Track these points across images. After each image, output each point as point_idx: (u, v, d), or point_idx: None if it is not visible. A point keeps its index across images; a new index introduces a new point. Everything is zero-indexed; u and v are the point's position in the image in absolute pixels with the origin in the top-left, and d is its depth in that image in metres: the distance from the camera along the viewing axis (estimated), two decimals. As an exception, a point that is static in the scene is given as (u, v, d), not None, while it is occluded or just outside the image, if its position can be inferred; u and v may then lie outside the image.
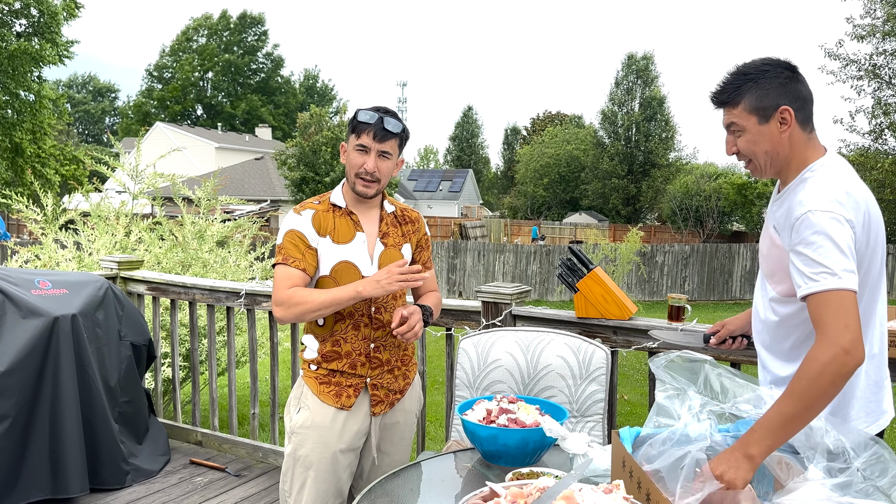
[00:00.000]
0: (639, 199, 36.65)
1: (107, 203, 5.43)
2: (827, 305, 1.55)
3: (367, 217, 2.21)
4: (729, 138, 1.79)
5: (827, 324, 1.54)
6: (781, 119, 1.71)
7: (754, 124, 1.72)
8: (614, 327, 2.78)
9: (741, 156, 1.78)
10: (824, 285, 1.56)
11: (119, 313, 3.62)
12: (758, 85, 1.71)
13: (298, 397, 2.23)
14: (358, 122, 2.10)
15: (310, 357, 2.22)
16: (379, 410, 2.24)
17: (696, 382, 1.76)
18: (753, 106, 1.72)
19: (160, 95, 56.69)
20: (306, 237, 2.13)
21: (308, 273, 2.12)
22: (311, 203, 2.21)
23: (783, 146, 1.73)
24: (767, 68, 1.73)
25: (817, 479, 1.38)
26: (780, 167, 1.76)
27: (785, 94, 1.71)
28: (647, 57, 36.73)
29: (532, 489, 1.39)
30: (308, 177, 24.56)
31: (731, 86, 1.74)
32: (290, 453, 2.20)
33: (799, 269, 1.61)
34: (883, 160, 15.41)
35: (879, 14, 15.00)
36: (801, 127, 1.73)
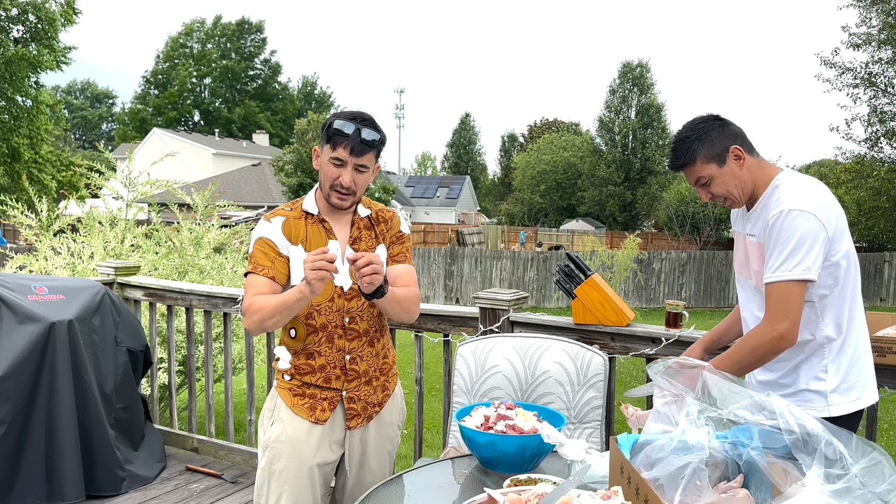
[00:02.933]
0: (635, 206, 36.72)
1: (100, 210, 5.42)
2: (776, 294, 1.87)
3: (339, 223, 2.15)
4: (701, 191, 2.04)
5: (772, 310, 1.88)
6: (735, 156, 1.98)
7: (716, 170, 1.98)
8: (612, 333, 2.78)
9: (716, 198, 2.03)
10: (779, 276, 1.86)
11: (115, 319, 3.61)
12: (703, 140, 1.98)
13: (272, 409, 2.17)
14: (334, 133, 1.99)
15: (283, 367, 2.16)
16: (355, 424, 2.17)
17: (693, 388, 1.76)
18: (709, 156, 1.98)
19: (156, 102, 56.73)
20: (276, 244, 2.07)
21: (278, 280, 2.05)
22: (282, 210, 2.15)
23: (746, 177, 1.99)
24: (703, 125, 2.01)
25: (815, 485, 1.38)
26: (749, 193, 2.01)
27: (726, 137, 1.99)
28: (643, 65, 36.88)
29: (530, 495, 1.39)
30: (305, 183, 24.56)
31: (683, 150, 2.01)
32: (263, 467, 2.13)
33: (768, 260, 1.89)
34: (879, 168, 15.47)
35: (875, 23, 15.08)
36: (751, 155, 2.00)
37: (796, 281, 1.84)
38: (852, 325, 1.99)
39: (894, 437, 6.85)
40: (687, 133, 2.01)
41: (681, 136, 2.02)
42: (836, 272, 1.92)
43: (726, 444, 1.67)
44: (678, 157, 2.02)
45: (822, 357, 1.95)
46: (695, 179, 2.02)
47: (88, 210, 5.36)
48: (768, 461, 1.57)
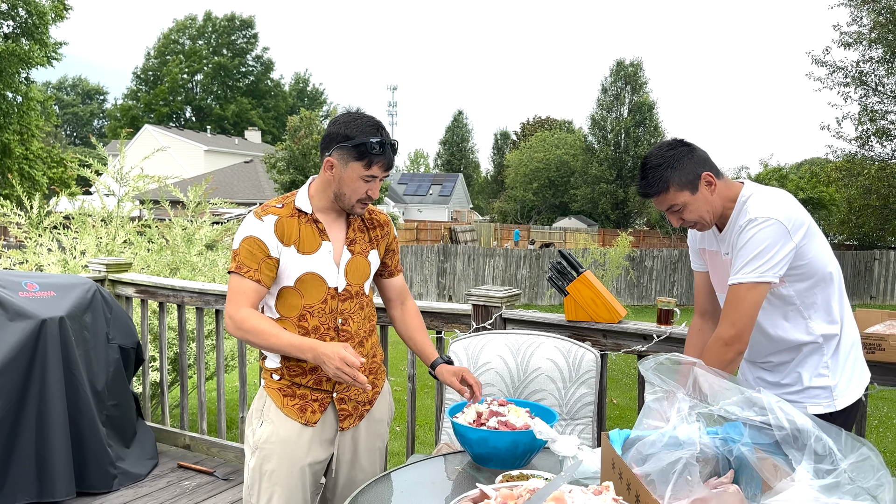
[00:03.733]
0: (627, 204, 36.78)
1: (93, 206, 5.40)
2: (730, 297, 1.92)
3: (333, 224, 2.10)
4: (672, 217, 2.05)
5: (722, 318, 1.94)
6: (707, 182, 1.99)
7: (689, 196, 1.99)
8: (604, 330, 2.79)
9: (687, 223, 2.05)
10: (737, 279, 1.91)
11: (107, 316, 3.60)
12: (675, 168, 1.98)
13: (261, 409, 2.11)
14: (368, 152, 1.95)
15: (272, 367, 2.10)
16: (348, 425, 2.15)
17: (684, 385, 1.77)
18: (682, 184, 1.98)
19: (147, 98, 56.44)
20: (266, 246, 1.99)
21: (263, 284, 2.00)
22: (273, 207, 2.05)
23: (716, 201, 2.01)
24: (672, 152, 2.00)
25: (805, 480, 1.39)
26: (718, 215, 2.04)
27: (697, 163, 1.99)
28: (636, 63, 36.92)
29: (522, 490, 1.40)
30: (298, 180, 24.50)
31: (655, 179, 1.99)
32: (254, 468, 2.11)
33: (732, 267, 1.94)
34: (869, 166, 15.55)
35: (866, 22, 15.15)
36: (719, 178, 2.01)
37: (752, 283, 1.88)
38: (844, 319, 2.03)
39: (883, 433, 6.91)
40: (657, 161, 1.99)
41: (651, 165, 2.00)
42: (811, 276, 1.95)
43: (717, 439, 1.68)
44: (651, 186, 1.99)
45: (822, 354, 1.99)
46: (667, 207, 2.01)
47: (80, 206, 5.34)
48: (758, 457, 1.58)
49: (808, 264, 1.93)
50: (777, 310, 1.99)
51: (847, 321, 2.05)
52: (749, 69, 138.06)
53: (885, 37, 14.49)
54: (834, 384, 1.99)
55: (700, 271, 2.24)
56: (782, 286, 1.94)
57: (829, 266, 1.98)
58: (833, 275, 1.99)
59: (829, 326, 1.99)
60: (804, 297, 1.96)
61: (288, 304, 2.05)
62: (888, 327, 2.44)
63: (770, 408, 1.61)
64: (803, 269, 1.93)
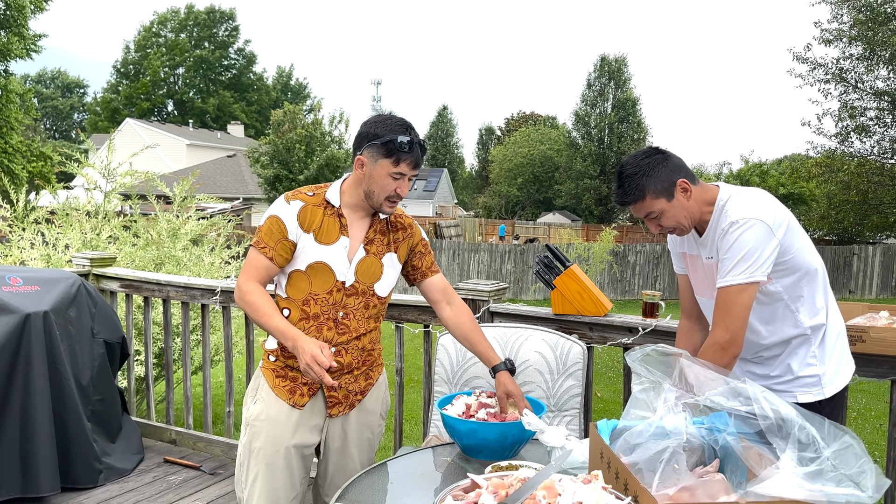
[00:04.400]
0: (611, 199, 36.93)
1: (79, 200, 5.35)
2: (722, 299, 1.93)
3: (357, 222, 2.15)
4: (650, 223, 2.07)
5: (715, 320, 1.95)
6: (682, 189, 2.01)
7: (665, 203, 2.01)
8: (590, 324, 2.81)
9: (665, 229, 2.07)
10: (727, 281, 1.92)
11: (92, 310, 3.57)
12: (651, 175, 2.00)
13: (256, 388, 2.21)
14: (397, 149, 2.02)
15: (270, 347, 2.19)
16: (336, 412, 2.19)
17: (671, 375, 1.80)
18: (658, 191, 2.00)
19: (128, 91, 55.82)
20: (286, 228, 2.07)
21: (276, 263, 2.09)
22: (303, 194, 2.13)
23: (693, 206, 2.03)
24: (647, 160, 2.02)
25: (789, 467, 1.42)
26: (696, 220, 2.05)
27: (672, 171, 2.02)
28: (620, 59, 37.05)
29: (513, 479, 1.41)
30: (282, 174, 24.36)
31: (631, 187, 2.02)
32: (244, 444, 2.18)
33: (720, 270, 1.95)
34: (849, 162, 15.75)
35: (846, 19, 15.32)
36: (695, 185, 2.03)
37: (743, 284, 1.90)
38: (829, 310, 2.07)
39: (862, 424, 7.02)
40: (633, 170, 2.02)
41: (627, 173, 2.03)
42: (796, 270, 1.99)
43: (703, 429, 1.71)
44: (627, 194, 2.03)
45: (810, 345, 2.03)
46: (645, 214, 2.04)
47: (66, 200, 5.29)
48: (743, 446, 1.61)
49: (792, 259, 1.97)
50: (766, 307, 2.02)
51: (832, 311, 2.09)
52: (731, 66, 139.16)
53: (865, 34, 14.66)
54: (822, 373, 2.03)
55: (682, 274, 2.27)
56: (769, 283, 1.97)
57: (812, 259, 2.01)
58: (817, 268, 2.03)
59: (816, 318, 2.03)
60: (791, 291, 2.00)
61: (296, 287, 2.12)
62: (868, 319, 2.49)
63: (755, 398, 1.64)
64: (788, 264, 1.96)
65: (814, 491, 1.36)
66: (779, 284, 1.99)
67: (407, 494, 1.83)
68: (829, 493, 1.35)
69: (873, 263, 18.46)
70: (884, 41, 14.06)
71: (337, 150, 24.54)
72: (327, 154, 23.83)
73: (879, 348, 2.33)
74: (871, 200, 15.47)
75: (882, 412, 7.14)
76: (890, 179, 14.91)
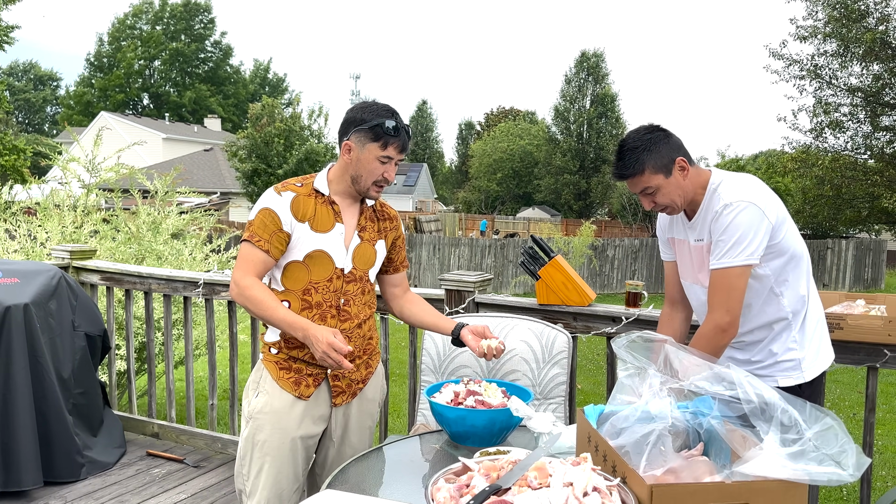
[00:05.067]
0: (590, 194, 37.17)
1: (58, 195, 5.29)
2: (720, 281, 1.97)
3: (347, 209, 2.18)
4: (645, 199, 2.09)
5: (714, 302, 1.98)
6: (680, 167, 2.04)
7: (663, 180, 2.03)
8: (574, 313, 2.85)
9: (658, 206, 2.09)
10: (723, 263, 1.96)
11: (72, 303, 3.54)
12: (651, 151, 2.02)
13: (257, 381, 2.20)
14: (384, 133, 2.05)
15: (271, 340, 2.18)
16: (340, 401, 2.21)
17: (656, 361, 1.83)
18: (657, 167, 2.03)
19: (102, 84, 54.96)
20: (280, 219, 2.08)
21: (272, 255, 2.08)
22: (292, 185, 2.14)
23: (688, 186, 2.06)
24: (649, 136, 2.04)
25: (773, 449, 1.46)
26: (689, 200, 2.09)
27: (672, 148, 2.04)
28: (598, 54, 37.22)
29: (504, 462, 1.44)
30: (260, 169, 24.16)
31: (632, 161, 2.04)
32: (247, 437, 2.17)
33: (713, 252, 1.99)
34: (823, 157, 15.98)
35: (821, 16, 15.53)
36: (691, 165, 2.06)
37: (739, 266, 1.94)
38: (810, 296, 2.12)
39: (836, 413, 7.15)
40: (635, 144, 2.04)
41: (629, 147, 2.05)
42: (784, 253, 2.03)
43: (687, 413, 1.74)
44: (627, 167, 2.05)
45: (791, 330, 2.08)
46: (641, 189, 2.06)
47: (50, 193, 5.22)
48: (727, 429, 1.64)
49: (781, 242, 2.01)
50: (751, 291, 2.05)
51: (813, 297, 2.14)
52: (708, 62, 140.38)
53: (839, 31, 14.88)
54: (802, 357, 2.08)
55: (669, 261, 2.30)
56: (759, 266, 2.01)
57: (798, 244, 2.06)
58: (802, 253, 2.08)
59: (798, 303, 2.07)
60: (778, 275, 2.04)
61: (294, 278, 2.12)
62: (846, 307, 2.55)
63: (739, 382, 1.68)
64: (777, 247, 2.01)
65: (797, 470, 1.39)
66: (767, 268, 2.03)
67: (396, 480, 1.84)
68: (812, 472, 1.39)
69: (846, 257, 18.78)
70: (857, 38, 14.29)
71: (316, 143, 24.39)
72: (306, 148, 23.68)
73: (856, 335, 2.38)
74: (845, 195, 15.72)
75: (856, 402, 7.29)
76: (863, 174, 15.17)
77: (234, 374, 3.73)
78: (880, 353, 2.40)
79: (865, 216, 16.37)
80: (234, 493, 3.30)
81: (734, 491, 1.37)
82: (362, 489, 1.75)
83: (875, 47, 14.08)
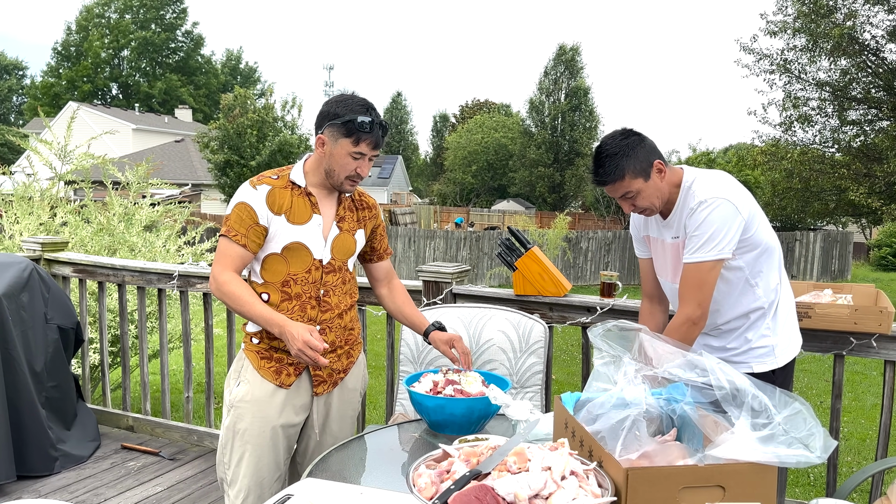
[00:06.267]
0: (564, 187, 37.37)
1: (32, 184, 5.20)
2: (691, 274, 2.02)
3: (325, 200, 2.17)
4: (624, 203, 2.14)
5: (685, 296, 2.04)
6: (658, 170, 2.08)
7: (642, 184, 2.07)
8: (550, 304, 2.88)
9: (638, 209, 2.14)
10: (696, 257, 2.01)
11: (45, 296, 3.49)
12: (629, 156, 2.06)
13: (239, 370, 2.20)
14: (356, 129, 2.03)
15: (252, 330, 2.18)
16: (322, 391, 2.22)
17: (631, 350, 1.87)
18: (636, 172, 2.06)
19: (69, 74, 53.84)
20: (256, 213, 2.07)
21: (249, 249, 2.08)
22: (268, 178, 2.13)
23: (664, 188, 2.11)
24: (626, 141, 2.08)
25: (743, 433, 1.50)
26: (665, 201, 2.13)
27: (648, 152, 2.08)
28: (574, 48, 37.36)
29: (484, 448, 1.46)
30: (233, 160, 23.90)
31: (611, 167, 2.07)
32: (228, 426, 2.17)
33: (687, 247, 2.04)
34: (792, 151, 16.21)
35: (791, 11, 15.72)
36: (667, 166, 2.11)
37: (711, 261, 2.00)
38: (782, 285, 2.18)
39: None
40: (613, 150, 2.06)
41: (607, 153, 2.07)
42: (757, 246, 2.09)
43: (661, 400, 1.79)
44: (608, 174, 2.07)
45: (765, 318, 2.14)
46: (621, 194, 2.10)
47: (21, 184, 5.13)
48: (700, 414, 1.69)
49: (754, 236, 2.06)
50: (728, 283, 2.11)
51: (785, 286, 2.21)
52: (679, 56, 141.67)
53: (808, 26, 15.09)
54: (776, 343, 2.14)
55: (644, 258, 2.35)
56: (733, 259, 2.06)
57: (770, 237, 2.12)
58: (774, 245, 2.14)
59: (772, 292, 2.14)
60: (752, 266, 2.10)
61: (273, 270, 2.12)
62: (814, 297, 2.62)
63: (711, 369, 1.72)
64: (750, 241, 2.06)
65: (767, 453, 1.44)
66: (741, 260, 2.08)
67: (377, 468, 1.86)
68: (781, 455, 1.43)
69: (814, 249, 19.16)
70: (825, 33, 14.51)
71: (290, 135, 24.18)
72: (280, 139, 23.47)
73: (824, 324, 2.45)
74: (813, 188, 15.98)
75: (823, 390, 7.46)
76: (830, 168, 15.42)
77: (211, 366, 3.72)
78: (846, 341, 2.48)
79: (833, 209, 16.66)
80: (211, 485, 3.30)
81: (706, 474, 1.41)
82: (343, 477, 1.76)
83: (843, 42, 14.33)
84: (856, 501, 3.90)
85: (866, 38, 14.60)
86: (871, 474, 2.15)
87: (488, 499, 1.26)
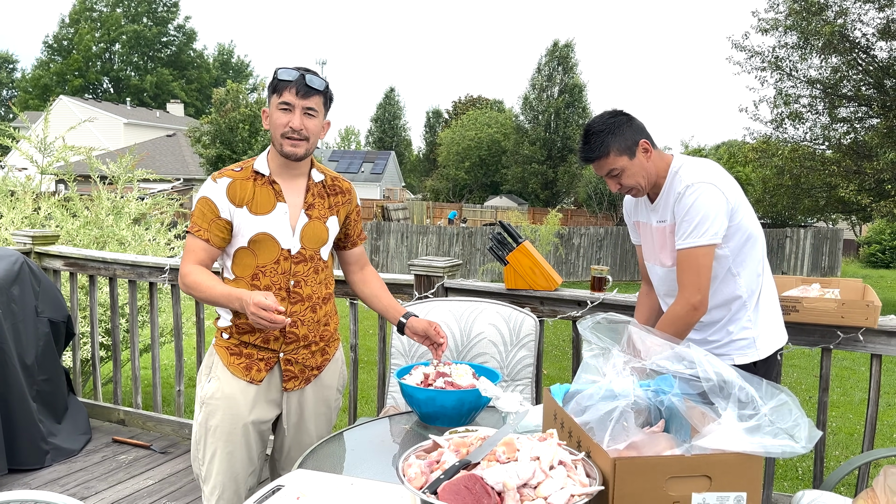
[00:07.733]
0: (556, 183, 37.42)
1: (13, 177, 5.17)
2: (689, 260, 2.04)
3: (291, 186, 2.11)
4: (611, 182, 2.16)
5: (685, 282, 2.05)
6: (644, 149, 2.12)
7: (627, 161, 2.11)
8: (541, 298, 2.90)
9: (623, 188, 2.16)
10: (690, 242, 2.03)
11: (36, 289, 3.49)
12: (615, 134, 2.10)
13: (210, 367, 2.17)
14: (279, 81, 2.00)
15: (223, 325, 2.16)
16: (292, 386, 2.18)
17: (619, 342, 1.88)
18: (621, 149, 2.10)
19: (60, 68, 53.49)
20: (217, 207, 2.05)
21: (213, 244, 2.06)
22: (229, 170, 2.10)
23: (651, 168, 2.14)
24: (613, 119, 2.12)
25: (730, 424, 1.52)
26: (652, 183, 2.16)
27: (635, 131, 2.12)
28: (568, 44, 37.36)
29: (473, 439, 1.47)
30: (224, 154, 23.82)
31: (597, 144, 2.11)
32: (200, 423, 2.15)
33: (678, 232, 2.07)
34: (783, 148, 16.29)
35: (782, 9, 15.78)
36: (654, 147, 2.14)
37: (705, 246, 2.03)
38: (764, 276, 2.20)
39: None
40: (600, 127, 2.11)
41: (594, 131, 2.11)
42: (742, 234, 2.11)
43: (649, 391, 1.81)
44: (592, 150, 2.11)
45: (746, 309, 2.15)
46: (606, 171, 2.13)
47: (2, 178, 5.10)
48: (687, 406, 1.70)
49: (739, 223, 2.09)
50: (711, 271, 2.11)
51: (767, 278, 2.22)
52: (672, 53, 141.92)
53: (799, 24, 15.16)
54: (757, 335, 2.16)
55: (639, 244, 2.37)
56: (719, 247, 2.08)
57: (754, 226, 2.14)
58: (758, 235, 2.16)
59: (754, 283, 2.15)
60: (737, 255, 2.12)
61: (242, 265, 2.10)
62: (802, 291, 2.64)
63: (698, 361, 1.74)
64: (735, 228, 2.08)
65: (753, 444, 1.46)
66: (726, 248, 2.10)
67: (366, 460, 1.87)
68: (767, 445, 1.45)
69: (804, 246, 19.27)
70: (816, 31, 14.57)
71: (282, 130, 24.06)
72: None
73: (811, 318, 2.48)
74: (804, 185, 16.06)
75: (812, 385, 7.52)
76: (821, 165, 15.50)
77: (202, 360, 3.72)
78: (834, 335, 2.50)
79: (823, 205, 16.74)
80: (203, 479, 3.30)
81: (693, 464, 1.42)
82: (333, 468, 1.77)
83: (833, 40, 14.39)
84: (842, 494, 3.94)
85: (857, 36, 14.67)
86: (856, 466, 2.18)
87: (477, 488, 1.27)
